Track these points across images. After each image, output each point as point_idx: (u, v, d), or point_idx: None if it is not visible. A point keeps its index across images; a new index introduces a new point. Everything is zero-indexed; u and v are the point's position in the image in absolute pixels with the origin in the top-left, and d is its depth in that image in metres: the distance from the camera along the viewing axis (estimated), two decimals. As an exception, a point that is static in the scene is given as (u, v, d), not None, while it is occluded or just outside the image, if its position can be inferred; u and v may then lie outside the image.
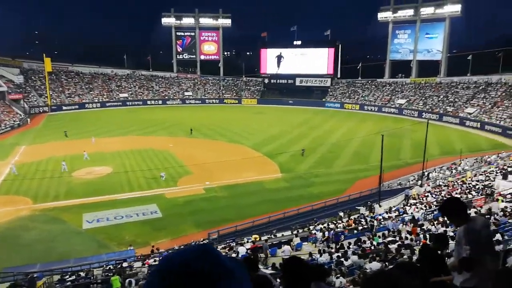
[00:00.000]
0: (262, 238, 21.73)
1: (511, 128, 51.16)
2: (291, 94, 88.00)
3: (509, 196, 22.79)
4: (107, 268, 18.70)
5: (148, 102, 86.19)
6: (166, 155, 41.90)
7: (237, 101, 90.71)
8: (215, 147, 46.35)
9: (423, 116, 63.32)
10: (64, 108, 76.33)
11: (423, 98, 72.77)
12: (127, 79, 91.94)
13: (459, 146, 42.92)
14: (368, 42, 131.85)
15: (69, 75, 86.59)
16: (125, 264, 19.10)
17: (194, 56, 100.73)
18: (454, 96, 69.09)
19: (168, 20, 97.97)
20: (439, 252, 5.84)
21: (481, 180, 28.80)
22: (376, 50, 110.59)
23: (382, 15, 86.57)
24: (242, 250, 18.95)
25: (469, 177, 30.36)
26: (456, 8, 76.01)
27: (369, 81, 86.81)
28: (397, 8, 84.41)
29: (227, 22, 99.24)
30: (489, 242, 3.62)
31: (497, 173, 29.34)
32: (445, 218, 20.00)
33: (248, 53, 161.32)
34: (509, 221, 17.70)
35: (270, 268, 14.32)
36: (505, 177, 26.67)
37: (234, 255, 18.85)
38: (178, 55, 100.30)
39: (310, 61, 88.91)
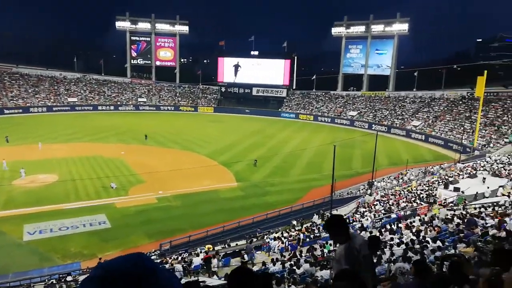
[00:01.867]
0: (216, 248, 21.44)
1: (452, 140, 54.85)
2: (248, 103, 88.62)
3: (451, 204, 24.31)
4: (49, 283, 17.51)
5: (99, 108, 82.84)
6: (117, 163, 40.34)
7: (193, 109, 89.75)
8: (169, 155, 45.36)
9: (373, 128, 66.18)
10: (6, 111, 71.32)
11: (373, 111, 76.18)
12: (76, 83, 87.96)
13: (405, 157, 45.24)
14: (323, 56, 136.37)
15: (13, 77, 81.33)
16: (69, 278, 18.01)
17: (149, 62, 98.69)
18: (401, 109, 73.00)
19: (122, 24, 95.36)
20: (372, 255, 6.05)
21: (425, 189, 30.49)
22: (330, 63, 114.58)
23: (336, 30, 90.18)
24: (196, 261, 18.56)
25: (414, 187, 32.02)
26: (404, 26, 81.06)
27: (323, 93, 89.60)
28: (350, 24, 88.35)
29: (185, 29, 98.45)
30: (368, 260, 3.45)
31: (439, 183, 31.22)
32: (388, 227, 20.90)
33: (205, 61, 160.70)
34: (449, 227, 18.82)
35: (222, 279, 14.13)
36: (446, 186, 28.43)
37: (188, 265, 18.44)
38: (132, 60, 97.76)
39: (267, 72, 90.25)
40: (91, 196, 30.67)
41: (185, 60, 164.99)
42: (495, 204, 21.57)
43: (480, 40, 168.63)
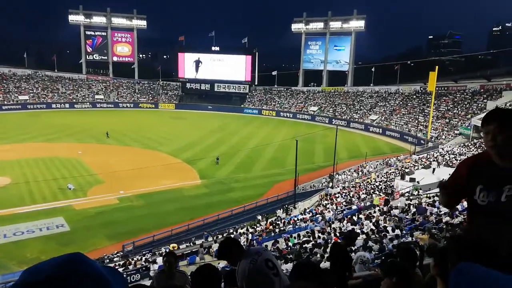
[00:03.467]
0: (181, 247, 21.23)
1: (407, 133, 57.41)
2: (210, 100, 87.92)
3: (407, 194, 25.52)
4: (3, 292, 16.59)
5: (53, 106, 78.88)
6: (74, 163, 38.75)
7: (153, 106, 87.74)
8: (129, 153, 44.15)
9: (333, 123, 67.84)
10: None
11: (333, 106, 78.10)
12: (27, 80, 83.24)
13: (364, 150, 46.84)
14: (283, 52, 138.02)
15: (-46, 74, 75.69)
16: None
17: (106, 57, 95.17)
18: (360, 104, 75.36)
19: (75, 18, 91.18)
20: (347, 248, 6.28)
21: (384, 180, 31.78)
22: (291, 59, 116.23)
23: (295, 27, 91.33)
24: (160, 261, 18.27)
25: (373, 178, 33.28)
26: (360, 23, 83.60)
27: (285, 89, 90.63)
28: (309, 20, 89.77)
29: (142, 23, 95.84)
30: (265, 278, 3.13)
31: (396, 174, 32.65)
32: (349, 217, 21.64)
33: (165, 57, 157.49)
34: (407, 217, 19.78)
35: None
36: (402, 177, 29.79)
37: (151, 265, 18.13)
38: (87, 56, 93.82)
39: (228, 68, 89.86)
40: (47, 199, 29.30)
41: (144, 55, 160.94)
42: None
43: (432, 36, 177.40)
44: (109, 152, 44.30)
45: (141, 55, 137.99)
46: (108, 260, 20.51)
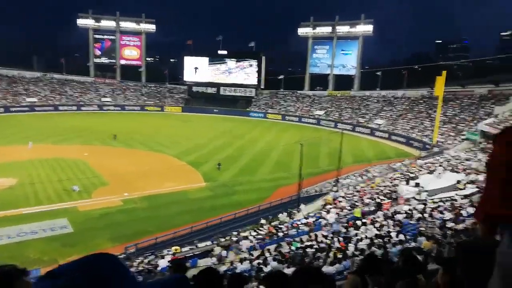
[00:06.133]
0: (183, 250, 21.20)
1: (413, 138, 56.96)
2: (216, 103, 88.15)
3: (412, 199, 25.25)
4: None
5: (61, 108, 79.64)
6: (80, 165, 38.99)
7: (159, 109, 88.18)
8: (135, 156, 44.35)
9: (338, 127, 67.61)
10: (-43, 112, 67.32)
11: (339, 110, 77.85)
12: (36, 82, 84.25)
13: (369, 154, 46.58)
14: (290, 56, 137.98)
15: (-35, 76, 76.83)
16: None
17: (114, 61, 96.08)
18: (366, 108, 75.03)
19: (84, 22, 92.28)
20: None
21: (388, 185, 31.50)
22: (297, 63, 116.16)
23: (302, 31, 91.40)
24: (162, 263, 18.26)
25: (378, 183, 33.01)
26: (369, 28, 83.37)
27: (291, 93, 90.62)
28: (316, 24, 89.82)
29: (151, 27, 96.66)
30: None
31: (401, 179, 32.35)
32: (353, 222, 21.44)
33: (172, 60, 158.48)
34: (411, 222, 19.57)
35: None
36: (407, 182, 29.51)
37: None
38: (95, 59, 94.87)
39: (235, 71, 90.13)
40: (52, 200, 29.47)
41: (151, 59, 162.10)
42: (452, 198, 22.61)
43: (440, 41, 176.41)
44: (115, 154, 44.52)
45: (148, 59, 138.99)
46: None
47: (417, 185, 28.33)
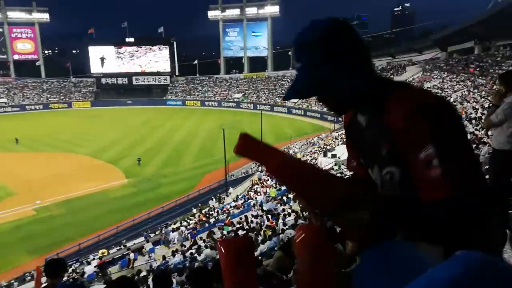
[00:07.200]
0: (111, 252, 20.16)
1: (327, 112, 60.39)
2: (129, 94, 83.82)
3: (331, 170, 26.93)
4: None
5: None
6: (-23, 177, 34.50)
7: (66, 106, 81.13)
8: (43, 159, 40.41)
9: (257, 108, 68.92)
10: None
11: (256, 92, 79.25)
12: None
13: (289, 132, 48.39)
14: (203, 39, 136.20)
15: None
16: None
17: (5, 56, 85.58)
18: (281, 88, 77.40)
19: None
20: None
21: (308, 159, 33.18)
22: (211, 47, 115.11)
23: (211, 14, 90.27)
24: (88, 270, 17.15)
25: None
26: (275, 9, 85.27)
27: (207, 78, 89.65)
28: (225, 7, 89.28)
29: (44, 16, 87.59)
30: None
31: (319, 152, 34.30)
32: (280, 198, 22.30)
33: (74, 52, 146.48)
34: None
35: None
36: (325, 154, 31.40)
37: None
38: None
39: (146, 59, 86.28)
40: None
41: (50, 51, 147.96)
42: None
43: (342, 18, 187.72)
44: (18, 160, 40.13)
45: (46, 52, 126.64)
46: (30, 277, 18.75)
47: (333, 156, 30.29)
